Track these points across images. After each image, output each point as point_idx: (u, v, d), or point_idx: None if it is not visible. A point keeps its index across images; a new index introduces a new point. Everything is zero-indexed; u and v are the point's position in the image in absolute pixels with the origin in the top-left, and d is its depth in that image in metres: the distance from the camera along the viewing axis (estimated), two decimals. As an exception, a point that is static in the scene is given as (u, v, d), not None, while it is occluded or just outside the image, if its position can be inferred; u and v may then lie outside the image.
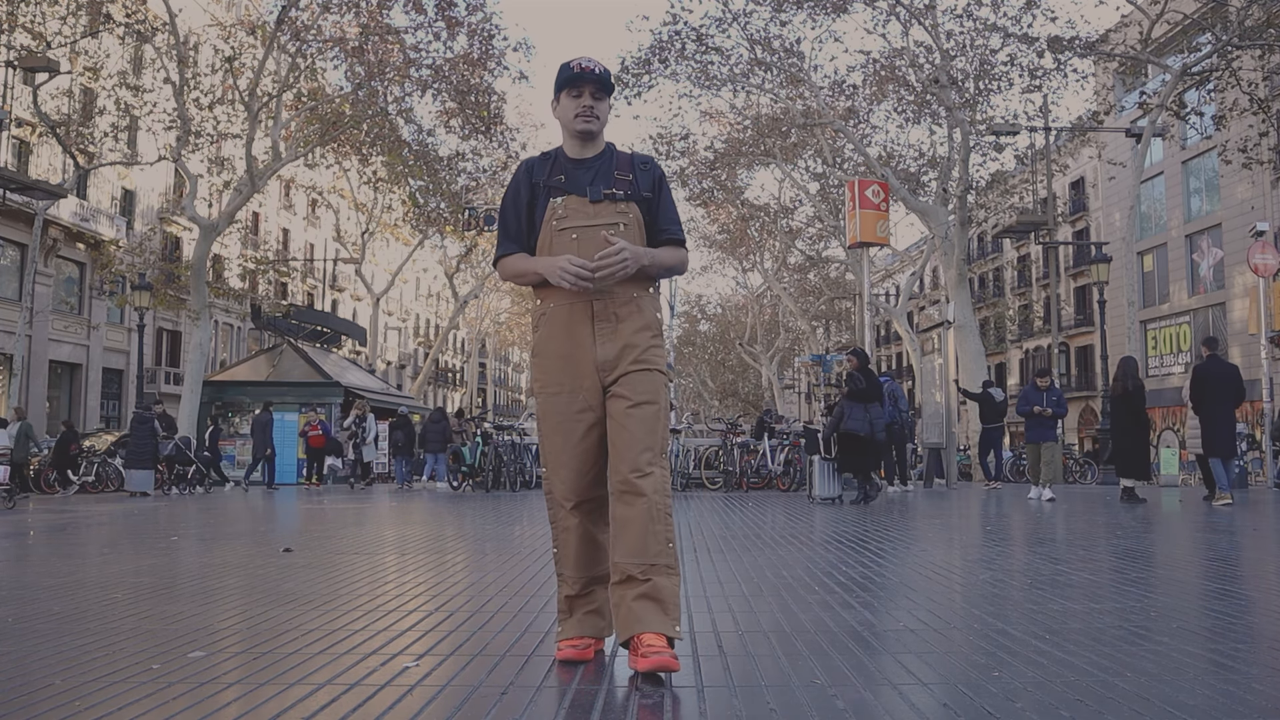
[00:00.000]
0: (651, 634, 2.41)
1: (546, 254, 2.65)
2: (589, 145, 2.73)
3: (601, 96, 2.70)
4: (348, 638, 2.99)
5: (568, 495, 2.64)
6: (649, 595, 2.46)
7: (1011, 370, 48.06)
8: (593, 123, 2.68)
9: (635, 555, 2.48)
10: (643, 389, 2.59)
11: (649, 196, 2.73)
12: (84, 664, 2.63)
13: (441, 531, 7.09)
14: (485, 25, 20.32)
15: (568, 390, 2.62)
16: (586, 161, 2.72)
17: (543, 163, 2.75)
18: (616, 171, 2.72)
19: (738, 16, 20.82)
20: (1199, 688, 2.28)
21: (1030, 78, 19.88)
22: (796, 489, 14.29)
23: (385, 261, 49.35)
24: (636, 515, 2.50)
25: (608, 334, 2.61)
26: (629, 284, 2.65)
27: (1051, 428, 11.37)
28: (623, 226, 2.66)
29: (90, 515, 9.59)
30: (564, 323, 2.63)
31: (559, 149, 2.78)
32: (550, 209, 2.67)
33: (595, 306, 2.61)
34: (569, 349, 2.63)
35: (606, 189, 2.68)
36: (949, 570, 4.58)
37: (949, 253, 20.24)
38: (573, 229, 2.64)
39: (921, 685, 2.33)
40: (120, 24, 20.72)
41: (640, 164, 2.77)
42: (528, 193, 2.72)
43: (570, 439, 2.62)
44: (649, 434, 2.56)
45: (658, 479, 2.53)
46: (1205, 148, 31.36)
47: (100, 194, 29.64)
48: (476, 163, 25.56)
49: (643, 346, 2.63)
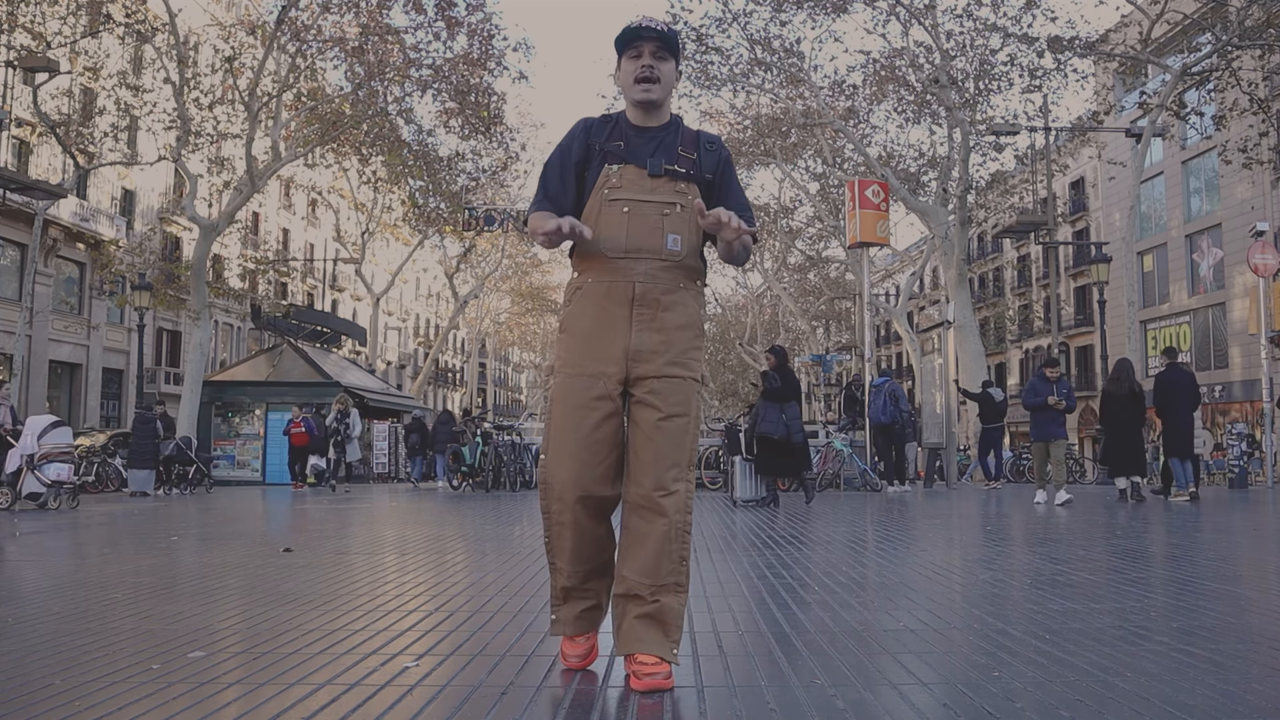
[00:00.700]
0: (648, 655, 2.33)
1: (592, 223, 2.43)
2: (653, 114, 2.50)
3: (665, 56, 2.45)
4: (348, 638, 2.98)
5: (569, 488, 2.38)
6: (653, 616, 2.37)
7: (1011, 370, 48.06)
8: (654, 89, 2.44)
9: (647, 575, 2.37)
10: (675, 400, 2.40)
11: (710, 179, 2.52)
12: (84, 664, 2.62)
13: (441, 531, 7.09)
14: (485, 25, 20.32)
15: (588, 374, 2.41)
16: (650, 131, 2.50)
17: (602, 125, 2.52)
18: (681, 147, 2.50)
19: (738, 16, 20.82)
20: (1199, 688, 2.28)
21: (1030, 78, 19.88)
22: (797, 489, 14.28)
23: (385, 261, 49.35)
24: (654, 534, 2.37)
25: (646, 321, 2.41)
26: (678, 273, 2.46)
27: (1061, 423, 10.65)
28: (680, 208, 2.45)
29: (90, 515, 9.59)
30: (599, 300, 2.43)
31: (621, 113, 2.54)
32: (604, 175, 2.45)
33: (638, 289, 2.41)
34: (600, 329, 2.42)
35: (669, 164, 2.46)
36: (949, 570, 4.58)
37: (949, 253, 20.24)
38: (625, 201, 2.43)
39: (921, 685, 2.33)
40: (120, 24, 20.72)
41: (706, 143, 2.55)
42: (580, 152, 2.49)
43: (582, 426, 2.38)
44: (677, 449, 2.40)
45: (681, 497, 2.40)
46: (1205, 148, 31.36)
47: (100, 194, 29.64)
48: (476, 163, 25.57)
49: (681, 348, 2.44)
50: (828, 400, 30.86)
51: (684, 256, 2.46)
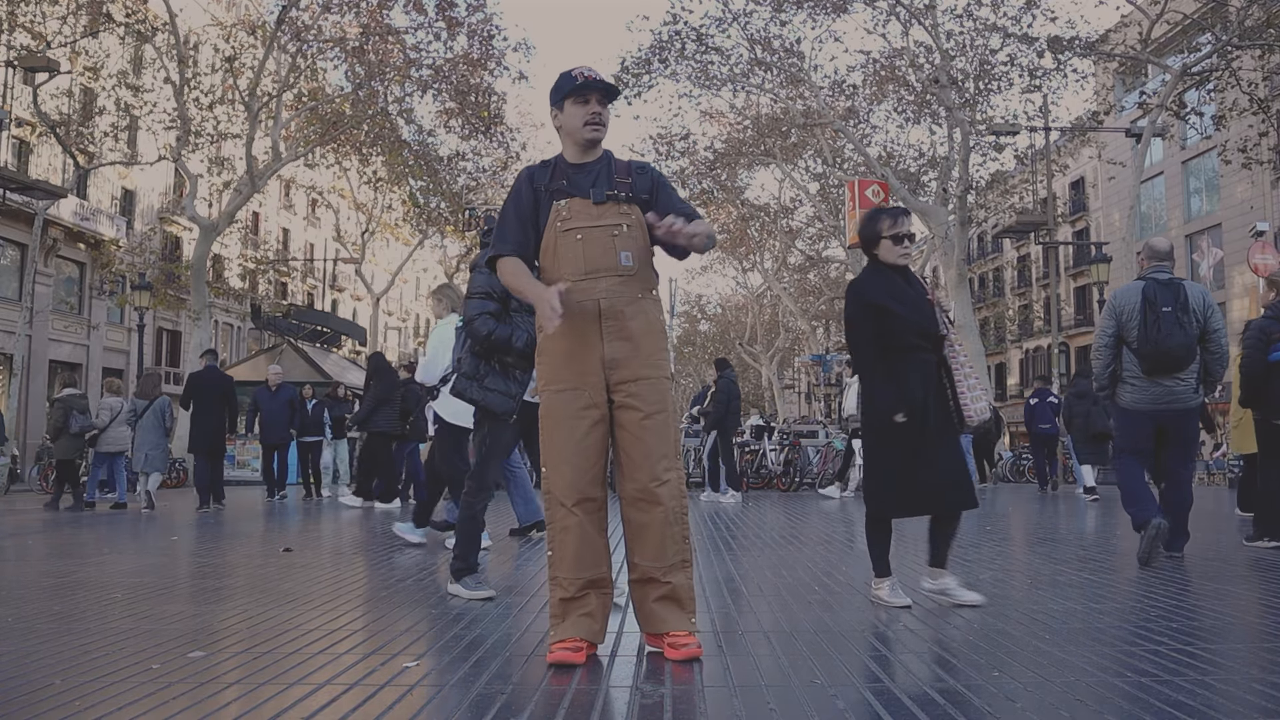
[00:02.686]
0: (676, 631, 2.63)
1: (551, 255, 2.72)
2: (590, 151, 2.80)
3: (605, 103, 2.78)
4: (348, 638, 2.99)
5: (567, 493, 2.65)
6: (670, 597, 2.66)
7: (1011, 370, 48.06)
8: (601, 130, 2.75)
9: (656, 559, 2.65)
10: (653, 399, 2.68)
11: (646, 199, 2.80)
12: (84, 664, 2.63)
13: (441, 531, 7.08)
14: (485, 26, 20.31)
15: (572, 387, 2.68)
16: (587, 166, 2.80)
17: (543, 170, 2.82)
18: (616, 175, 2.79)
19: (738, 16, 20.81)
20: (1199, 688, 2.28)
21: (1030, 78, 19.87)
22: (796, 489, 14.30)
23: (385, 261, 49.35)
24: (654, 521, 2.65)
25: (615, 331, 2.67)
26: (635, 285, 2.72)
27: None
28: (626, 228, 2.74)
29: (90, 515, 9.59)
30: (570, 320, 2.64)
31: (559, 156, 2.85)
32: (554, 211, 2.73)
33: (603, 304, 2.67)
34: (575, 346, 2.68)
35: (609, 190, 2.74)
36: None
37: (949, 253, 20.24)
38: (578, 229, 2.71)
39: (921, 685, 2.33)
40: (120, 24, 20.71)
41: (637, 169, 2.85)
42: (530, 197, 2.78)
43: (573, 435, 2.65)
44: (663, 442, 2.67)
45: (675, 484, 2.67)
46: (1205, 148, 31.35)
47: (100, 194, 29.64)
48: (476, 163, 25.57)
49: (649, 351, 2.70)
50: (827, 401, 30.85)
51: (637, 270, 2.73)
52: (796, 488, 14.35)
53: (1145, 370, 4.78)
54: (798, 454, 14.58)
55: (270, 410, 11.46)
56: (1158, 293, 4.75)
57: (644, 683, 2.38)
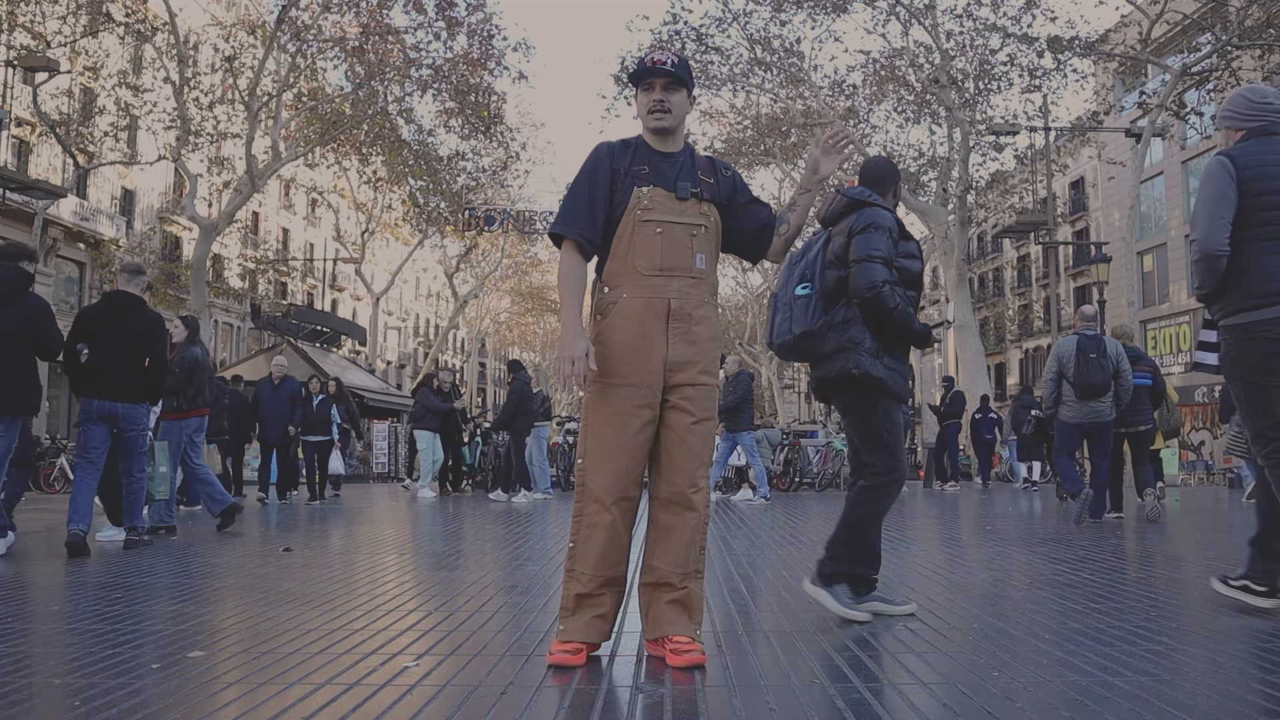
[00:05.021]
0: (680, 635, 2.57)
1: (626, 243, 2.60)
2: (668, 140, 2.69)
3: (674, 89, 2.64)
4: (348, 638, 2.99)
5: (608, 490, 2.56)
6: (681, 602, 2.62)
7: (1011, 370, 48.06)
8: (665, 118, 2.63)
9: (678, 564, 2.62)
10: (705, 405, 2.64)
11: (725, 204, 2.73)
12: (84, 664, 2.62)
13: (441, 532, 7.09)
14: (485, 25, 20.30)
15: (630, 384, 2.57)
16: (671, 156, 2.68)
17: (623, 149, 2.67)
18: (700, 172, 2.69)
19: (738, 16, 20.81)
20: (1199, 688, 2.28)
21: (1030, 78, 19.87)
22: (796, 489, 14.30)
23: (385, 261, 49.33)
24: (684, 527, 2.62)
25: (681, 334, 2.60)
26: (704, 289, 2.65)
27: None
28: (704, 229, 2.66)
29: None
30: (636, 316, 2.58)
31: (639, 138, 2.71)
32: (635, 198, 2.60)
33: (673, 304, 2.59)
34: (639, 342, 2.58)
35: (693, 188, 2.65)
36: (949, 570, 4.58)
37: (949, 253, 20.24)
38: (658, 223, 2.60)
39: (921, 685, 2.33)
40: (120, 24, 20.70)
41: (722, 169, 2.77)
42: (607, 177, 2.63)
43: (624, 433, 2.57)
44: (705, 449, 2.64)
45: (706, 492, 2.66)
46: (1205, 148, 31.35)
47: (100, 194, 29.63)
48: (476, 162, 25.56)
49: (710, 358, 2.66)
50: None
51: (708, 274, 2.67)
52: (796, 488, 14.36)
53: (1078, 396, 7.08)
54: (797, 454, 14.59)
55: (270, 405, 11.24)
56: (1086, 344, 7.06)
57: (644, 682, 2.38)
